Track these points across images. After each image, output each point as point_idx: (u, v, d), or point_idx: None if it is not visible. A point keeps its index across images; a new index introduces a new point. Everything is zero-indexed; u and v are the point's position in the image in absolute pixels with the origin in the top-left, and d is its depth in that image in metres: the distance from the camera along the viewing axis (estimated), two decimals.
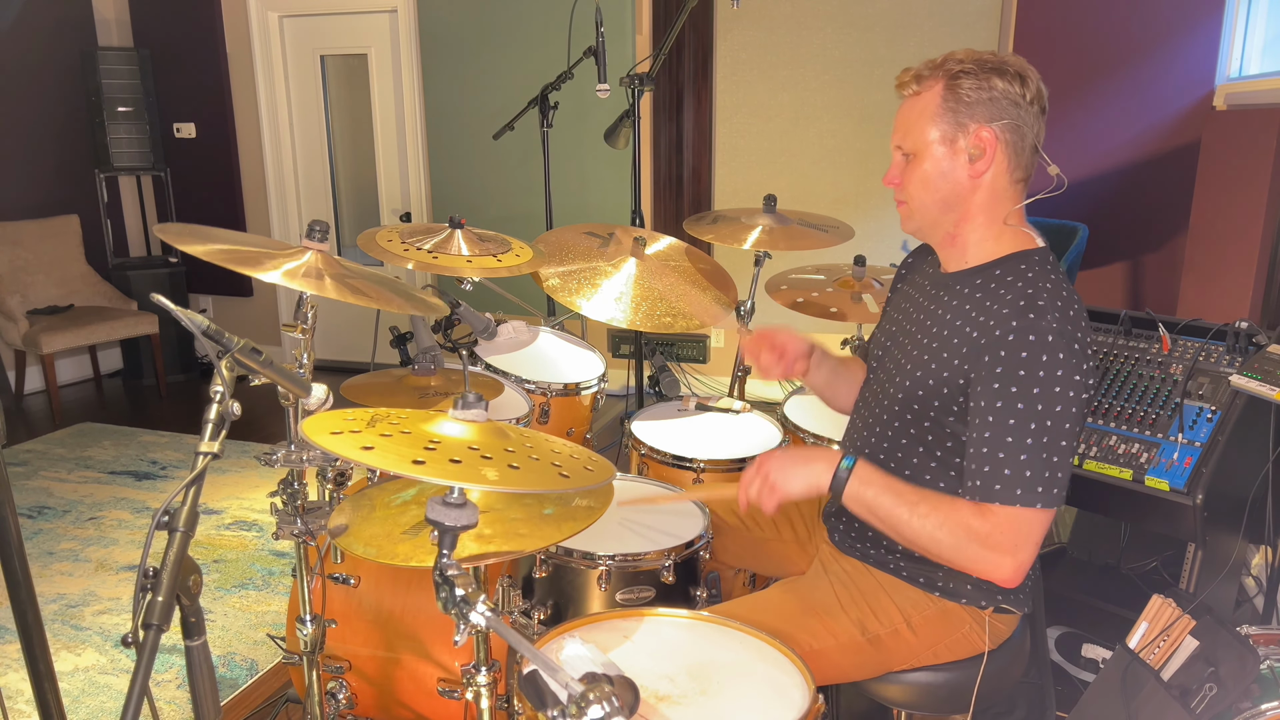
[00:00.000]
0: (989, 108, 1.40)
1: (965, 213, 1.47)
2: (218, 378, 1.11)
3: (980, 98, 1.40)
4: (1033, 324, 1.32)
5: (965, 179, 1.44)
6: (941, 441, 1.45)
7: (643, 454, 2.18)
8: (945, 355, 1.43)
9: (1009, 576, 1.33)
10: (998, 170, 1.43)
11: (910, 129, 1.47)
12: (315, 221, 1.58)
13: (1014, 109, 1.41)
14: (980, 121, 1.41)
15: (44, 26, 5.10)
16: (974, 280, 1.47)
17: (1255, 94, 3.41)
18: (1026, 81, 1.41)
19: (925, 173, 1.46)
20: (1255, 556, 2.22)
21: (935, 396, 1.44)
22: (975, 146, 1.42)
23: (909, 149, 1.48)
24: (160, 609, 1.00)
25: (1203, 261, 3.65)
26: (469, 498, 1.08)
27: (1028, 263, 1.43)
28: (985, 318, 1.39)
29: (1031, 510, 1.31)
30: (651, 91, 4.44)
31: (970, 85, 1.40)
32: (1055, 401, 1.30)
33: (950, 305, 1.48)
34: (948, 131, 1.43)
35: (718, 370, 4.92)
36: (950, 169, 1.44)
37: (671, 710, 1.20)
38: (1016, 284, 1.40)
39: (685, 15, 2.87)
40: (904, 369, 1.51)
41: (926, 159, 1.45)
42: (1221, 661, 1.57)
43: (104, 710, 2.34)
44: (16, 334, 4.68)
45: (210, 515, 3.44)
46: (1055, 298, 1.36)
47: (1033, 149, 1.44)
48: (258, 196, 5.56)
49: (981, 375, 1.35)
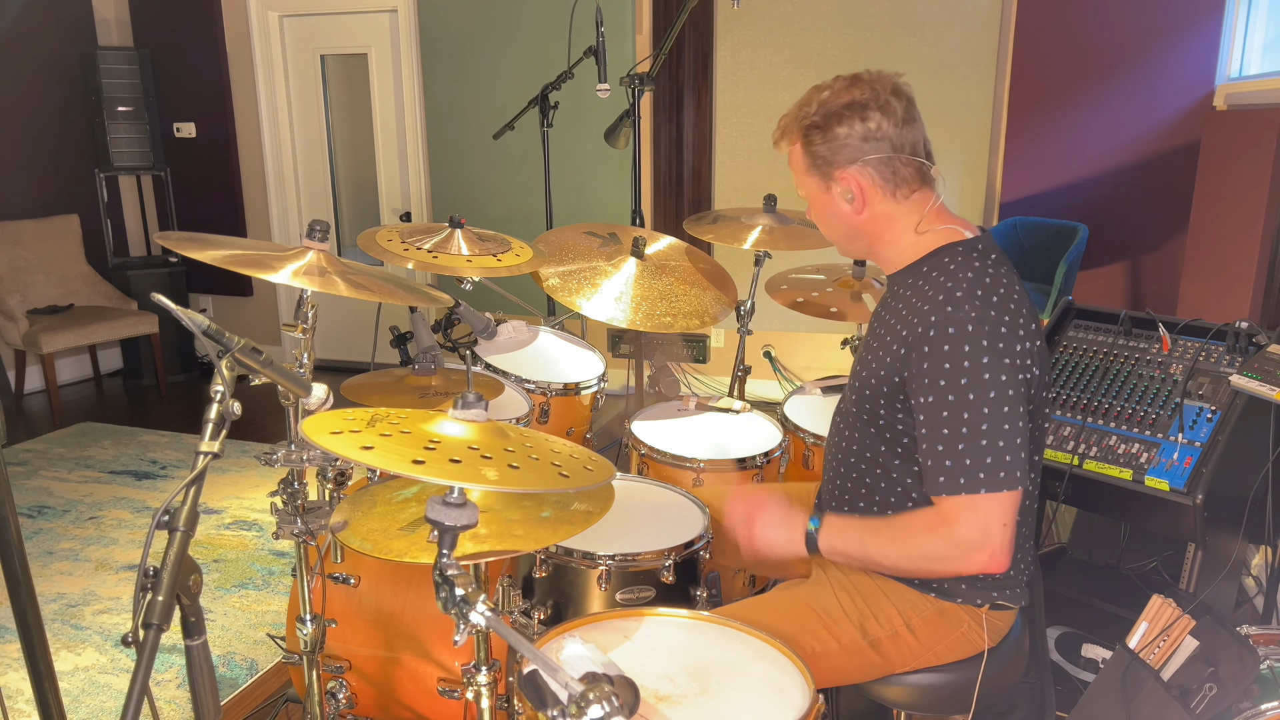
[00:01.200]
0: (844, 153, 1.45)
1: (871, 237, 1.53)
2: (218, 377, 1.11)
3: (832, 147, 1.45)
4: (950, 316, 1.35)
5: (852, 216, 1.50)
6: (899, 437, 1.48)
7: (642, 454, 2.18)
8: (883, 355, 1.47)
9: (987, 564, 1.35)
10: (876, 201, 1.48)
11: (798, 181, 1.55)
12: (315, 221, 1.58)
13: (865, 144, 1.44)
14: (841, 167, 1.46)
15: (44, 26, 5.10)
16: (906, 280, 1.51)
17: (1255, 94, 3.41)
18: (868, 115, 1.42)
19: (819, 214, 1.56)
20: (1255, 556, 2.22)
21: (880, 395, 1.48)
22: (846, 190, 1.48)
23: (803, 195, 1.57)
24: (160, 608, 1.00)
25: (1203, 261, 3.65)
26: (469, 498, 1.09)
27: (950, 255, 1.45)
28: (911, 315, 1.42)
29: (982, 496, 1.32)
30: (651, 91, 4.44)
31: (819, 139, 1.46)
32: (985, 388, 1.32)
33: (891, 306, 1.53)
34: (820, 182, 1.50)
35: (718, 370, 4.92)
36: (837, 211, 1.51)
37: (671, 710, 1.20)
38: (939, 278, 1.42)
39: (685, 15, 2.87)
40: (858, 373, 1.55)
41: (816, 205, 1.55)
42: (1221, 661, 1.57)
43: (104, 710, 2.34)
44: (16, 334, 4.68)
45: (210, 515, 3.44)
46: (975, 285, 1.38)
47: (911, 160, 1.46)
48: (258, 196, 5.56)
49: (912, 373, 1.39)
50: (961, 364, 1.33)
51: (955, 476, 1.33)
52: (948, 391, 1.34)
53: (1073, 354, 2.25)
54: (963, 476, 1.33)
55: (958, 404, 1.33)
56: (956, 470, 1.33)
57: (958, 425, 1.33)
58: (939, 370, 1.35)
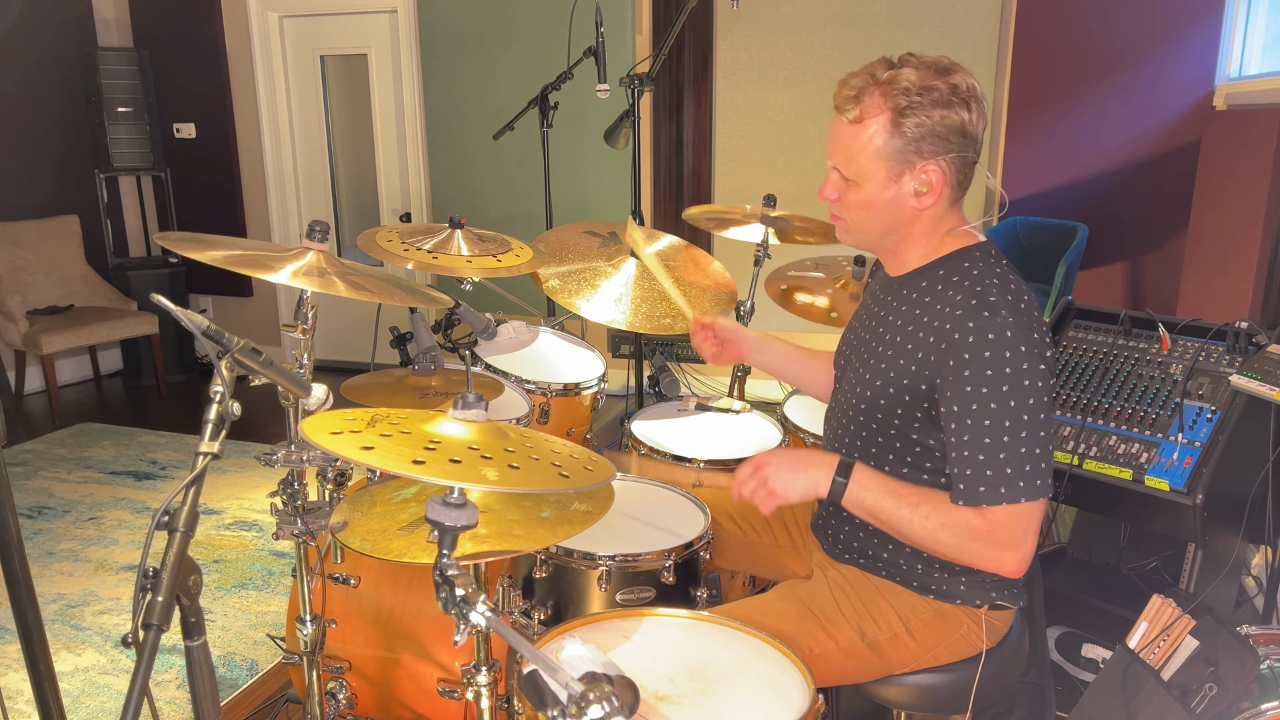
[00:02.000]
0: (936, 143, 1.35)
1: (907, 235, 1.45)
2: (218, 378, 1.11)
3: (928, 133, 1.34)
4: (989, 322, 1.31)
5: (909, 209, 1.41)
6: (910, 448, 1.45)
7: (642, 454, 2.18)
8: (902, 363, 1.41)
9: (1014, 569, 1.34)
10: (944, 198, 1.40)
11: (853, 157, 1.39)
12: (315, 222, 1.58)
13: (961, 140, 1.36)
14: (927, 158, 1.36)
15: (44, 26, 5.10)
16: (919, 283, 1.45)
17: (1255, 94, 3.41)
18: (971, 106, 1.34)
19: (866, 200, 1.41)
20: (1255, 556, 2.22)
21: (897, 405, 1.42)
22: (922, 183, 1.38)
23: (850, 175, 1.41)
24: (160, 609, 1.00)
25: (1203, 261, 3.65)
26: (469, 498, 1.08)
27: (970, 259, 1.41)
28: (937, 320, 1.37)
29: (1023, 505, 1.32)
30: (651, 91, 4.44)
31: (917, 122, 1.33)
32: (1025, 395, 1.30)
33: (899, 310, 1.47)
34: (894, 168, 1.37)
35: (718, 370, 4.92)
36: (893, 199, 1.40)
37: (671, 710, 1.20)
38: (964, 282, 1.38)
39: (685, 15, 2.87)
40: (863, 379, 1.49)
41: (868, 188, 1.40)
42: (1221, 661, 1.57)
43: (104, 710, 2.34)
44: (16, 334, 4.68)
45: (210, 515, 3.44)
46: (1005, 292, 1.35)
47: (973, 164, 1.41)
48: (258, 196, 5.56)
49: (948, 380, 1.34)
50: (1004, 370, 1.30)
51: (997, 486, 1.31)
52: (990, 399, 1.30)
53: (1073, 354, 2.25)
54: (1004, 485, 1.31)
55: (999, 411, 1.30)
56: (1000, 479, 1.31)
57: (1000, 434, 1.30)
58: (981, 377, 1.30)
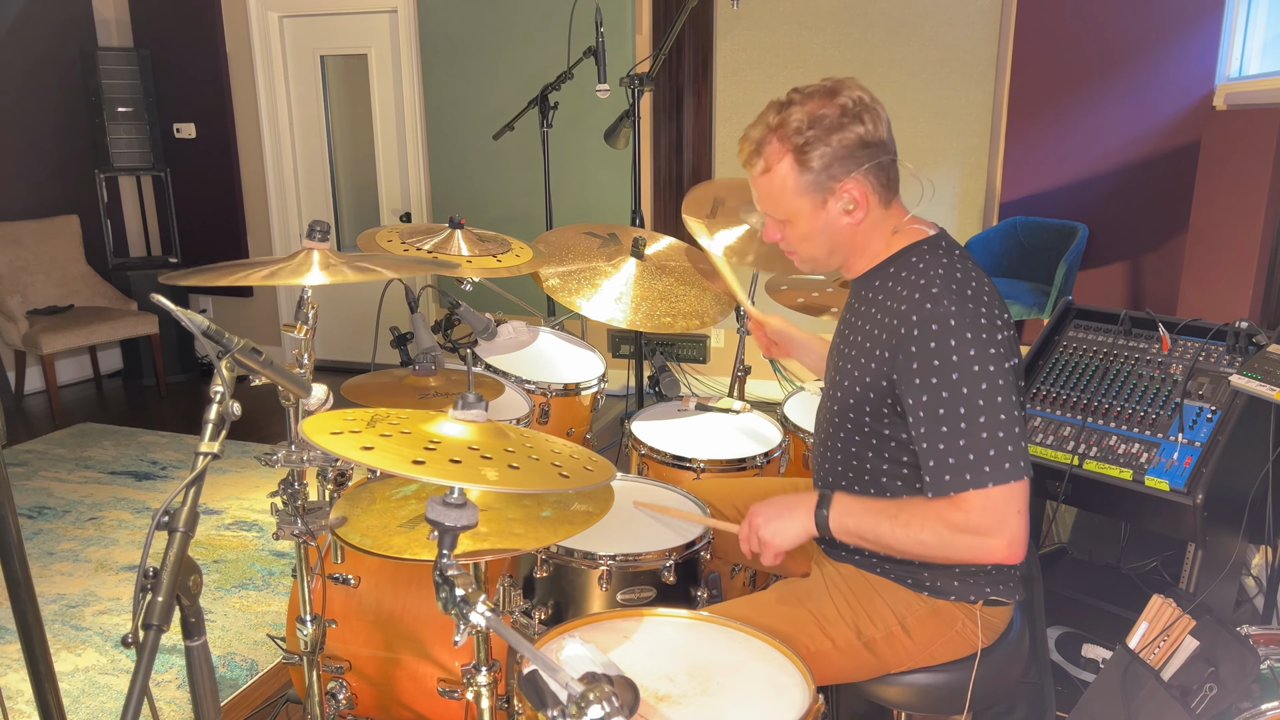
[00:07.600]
0: (845, 163, 1.40)
1: (853, 249, 1.51)
2: (218, 378, 1.11)
3: (832, 158, 1.40)
4: (931, 313, 1.35)
5: (845, 227, 1.46)
6: (886, 444, 1.48)
7: (643, 454, 2.18)
8: (864, 361, 1.46)
9: (1005, 555, 1.34)
10: (873, 208, 1.45)
11: (777, 202, 1.46)
12: (316, 222, 1.58)
13: (866, 151, 1.40)
14: (842, 178, 1.41)
15: (44, 26, 5.10)
16: (873, 282, 1.50)
17: (1255, 94, 3.42)
18: (864, 118, 1.39)
19: (805, 233, 1.48)
20: (1255, 556, 2.22)
21: (865, 403, 1.46)
22: (847, 201, 1.43)
23: (782, 217, 1.48)
24: (160, 609, 0.99)
25: (1203, 261, 3.65)
26: (469, 498, 1.08)
27: (917, 253, 1.45)
28: (887, 317, 1.42)
29: (994, 489, 1.32)
30: (651, 91, 4.44)
31: (819, 153, 1.40)
32: (978, 380, 1.32)
33: (860, 311, 1.52)
34: (816, 198, 1.43)
35: (718, 370, 4.92)
36: (828, 224, 1.46)
37: (671, 710, 1.20)
38: (910, 277, 1.42)
39: (685, 15, 2.87)
40: (835, 381, 1.54)
41: (801, 223, 1.47)
42: (1221, 661, 1.57)
43: (104, 710, 2.34)
44: (16, 334, 4.68)
45: (210, 515, 3.44)
46: (949, 280, 1.38)
47: (892, 163, 1.45)
48: (258, 197, 5.56)
49: (901, 375, 1.38)
50: (950, 359, 1.33)
51: (961, 473, 1.33)
52: (940, 389, 1.34)
53: (1073, 354, 2.25)
54: (968, 472, 1.32)
55: (952, 400, 1.33)
56: (961, 467, 1.33)
57: (955, 421, 1.33)
58: (928, 369, 1.34)
